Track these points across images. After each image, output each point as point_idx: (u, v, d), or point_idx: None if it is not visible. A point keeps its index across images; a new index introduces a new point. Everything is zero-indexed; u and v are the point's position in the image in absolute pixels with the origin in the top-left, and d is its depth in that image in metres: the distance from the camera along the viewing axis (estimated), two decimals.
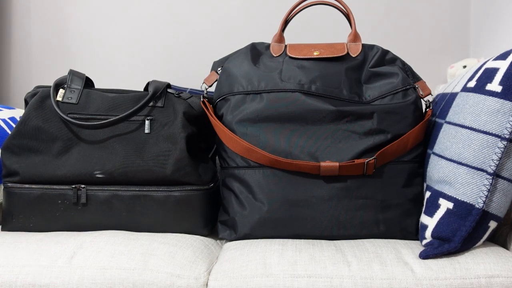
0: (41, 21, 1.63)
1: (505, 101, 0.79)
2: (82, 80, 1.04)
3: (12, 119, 1.20)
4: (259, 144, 0.96)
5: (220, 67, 1.05)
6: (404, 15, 1.58)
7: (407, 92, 0.97)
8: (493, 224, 0.83)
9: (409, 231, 0.95)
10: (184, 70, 1.60)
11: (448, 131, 0.88)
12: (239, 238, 0.96)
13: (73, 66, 1.61)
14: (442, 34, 1.58)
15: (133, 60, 1.62)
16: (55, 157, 0.98)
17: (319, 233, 0.94)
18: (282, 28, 1.07)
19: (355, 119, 0.95)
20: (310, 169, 0.92)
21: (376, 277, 0.79)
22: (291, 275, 0.80)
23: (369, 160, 0.91)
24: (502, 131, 0.79)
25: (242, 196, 0.97)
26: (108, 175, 0.97)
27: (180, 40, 1.61)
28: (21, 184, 0.98)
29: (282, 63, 1.01)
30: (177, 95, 1.03)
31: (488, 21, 1.46)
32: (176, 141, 0.97)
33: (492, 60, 0.85)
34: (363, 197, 0.93)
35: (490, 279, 0.78)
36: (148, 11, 1.61)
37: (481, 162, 0.80)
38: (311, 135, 0.96)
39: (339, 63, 1.00)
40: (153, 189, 0.97)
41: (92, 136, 0.99)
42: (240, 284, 0.80)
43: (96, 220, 0.98)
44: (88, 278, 0.82)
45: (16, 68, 1.66)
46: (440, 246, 0.83)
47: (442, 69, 1.58)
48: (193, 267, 0.84)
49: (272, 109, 0.96)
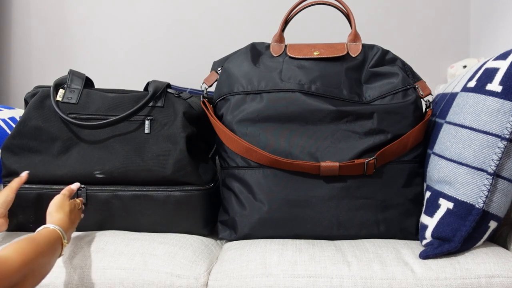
0: (41, 21, 1.63)
1: (505, 101, 0.78)
2: (82, 80, 1.04)
3: (12, 119, 1.20)
4: (259, 144, 0.96)
5: (220, 67, 1.05)
6: (404, 15, 1.58)
7: (407, 92, 0.97)
8: (493, 224, 0.83)
9: (409, 231, 0.95)
10: (184, 70, 1.60)
11: (448, 131, 0.88)
12: (239, 238, 0.96)
13: (73, 66, 1.61)
14: (442, 34, 1.58)
15: (133, 60, 1.62)
16: (55, 157, 0.98)
17: (319, 233, 0.94)
18: (282, 28, 1.07)
19: (355, 119, 0.95)
20: (310, 169, 0.92)
21: (376, 277, 0.79)
22: (291, 275, 0.80)
23: (369, 160, 0.91)
24: (502, 131, 0.79)
25: (242, 196, 0.97)
26: (108, 175, 0.96)
27: (180, 40, 1.61)
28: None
29: (282, 63, 1.01)
30: (177, 95, 1.03)
31: (488, 21, 1.46)
32: (176, 141, 0.97)
33: (492, 60, 0.85)
34: (363, 197, 0.93)
35: (490, 279, 0.78)
36: (148, 11, 1.61)
37: (481, 162, 0.80)
38: (311, 135, 0.95)
39: (339, 63, 1.00)
40: (153, 189, 0.97)
41: (92, 136, 0.99)
42: (240, 284, 0.80)
43: (96, 220, 0.98)
44: (88, 278, 0.82)
45: (16, 68, 1.66)
46: (440, 246, 0.83)
47: (442, 69, 1.58)
48: (193, 267, 0.84)
49: (272, 109, 0.96)
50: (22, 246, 0.63)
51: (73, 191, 0.91)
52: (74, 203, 0.88)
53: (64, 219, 0.80)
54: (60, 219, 0.79)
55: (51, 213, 0.81)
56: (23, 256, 0.61)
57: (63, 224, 0.78)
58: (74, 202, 0.88)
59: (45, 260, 0.67)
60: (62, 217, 0.80)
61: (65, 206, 0.83)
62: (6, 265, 0.57)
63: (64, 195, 0.87)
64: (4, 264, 0.57)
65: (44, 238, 0.70)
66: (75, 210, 0.87)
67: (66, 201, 0.85)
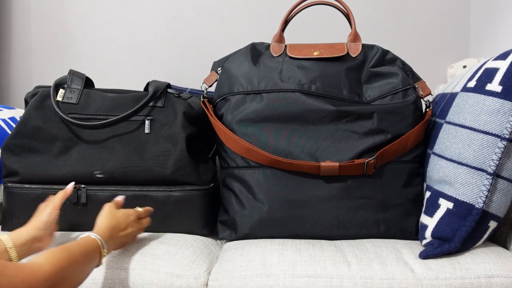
0: (41, 21, 1.63)
1: (505, 101, 0.78)
2: (82, 80, 1.04)
3: (12, 119, 1.20)
4: (259, 144, 0.96)
5: (220, 67, 1.05)
6: (404, 15, 1.58)
7: (407, 92, 0.97)
8: (493, 224, 0.83)
9: (409, 231, 0.95)
10: (184, 70, 1.60)
11: (448, 131, 0.88)
12: (239, 238, 0.96)
13: (73, 66, 1.60)
14: (442, 34, 1.58)
15: (133, 60, 1.62)
16: (55, 157, 0.98)
17: (319, 233, 0.94)
18: (282, 28, 1.07)
19: (355, 119, 0.95)
20: (310, 169, 0.92)
21: (376, 277, 0.79)
22: (291, 275, 0.80)
23: (369, 160, 0.91)
24: (502, 131, 0.79)
25: (242, 196, 0.97)
26: (108, 175, 0.96)
27: (180, 40, 1.61)
28: (21, 184, 0.98)
29: (282, 63, 1.01)
30: (177, 95, 1.03)
31: (488, 21, 1.46)
32: (176, 141, 0.97)
33: (492, 60, 0.85)
34: (363, 197, 0.93)
35: (490, 279, 0.78)
36: (148, 11, 1.61)
37: (481, 162, 0.80)
38: (311, 135, 0.95)
39: (339, 63, 1.00)
40: (153, 189, 0.97)
41: (92, 136, 0.99)
42: (240, 284, 0.80)
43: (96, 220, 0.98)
44: (88, 278, 0.81)
45: (16, 68, 1.66)
46: (440, 246, 0.83)
47: (442, 69, 1.58)
48: (193, 267, 0.84)
49: (272, 109, 0.96)
50: (54, 254, 0.62)
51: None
52: (128, 213, 0.86)
53: (108, 228, 0.79)
54: (103, 227, 0.79)
55: (97, 221, 0.81)
56: (54, 264, 0.60)
57: (105, 234, 0.77)
58: (127, 213, 0.86)
59: (78, 268, 0.66)
60: (106, 226, 0.79)
61: (112, 215, 0.82)
62: (38, 274, 0.57)
63: (115, 203, 0.86)
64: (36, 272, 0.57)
65: (79, 247, 0.70)
66: (128, 220, 0.85)
67: (114, 210, 0.84)
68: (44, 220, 0.81)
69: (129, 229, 0.85)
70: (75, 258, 0.66)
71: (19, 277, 0.55)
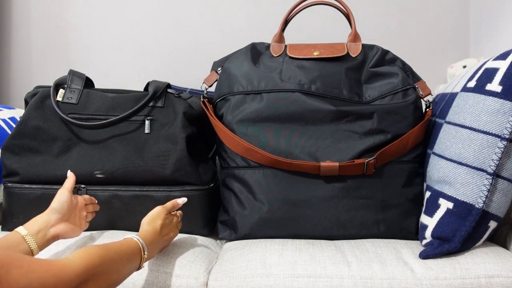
0: (41, 21, 1.63)
1: (505, 101, 0.78)
2: (82, 80, 1.04)
3: (12, 119, 1.20)
4: (259, 144, 0.96)
5: (220, 67, 1.05)
6: (404, 15, 1.58)
7: (407, 92, 0.97)
8: (493, 224, 0.83)
9: (409, 231, 0.95)
10: (184, 70, 1.60)
11: (448, 131, 0.88)
12: (239, 238, 0.96)
13: (73, 66, 1.61)
14: (442, 34, 1.58)
15: (133, 60, 1.62)
16: (55, 157, 0.98)
17: (319, 233, 0.94)
18: (282, 28, 1.07)
19: (355, 119, 0.95)
20: (310, 169, 0.92)
21: (376, 277, 0.79)
22: (291, 275, 0.80)
23: (369, 160, 0.91)
24: (502, 131, 0.79)
25: (242, 196, 0.97)
26: (108, 175, 0.97)
27: (180, 40, 1.61)
28: (21, 184, 0.98)
29: (282, 63, 1.01)
30: (177, 95, 1.03)
31: (488, 21, 1.46)
32: (176, 141, 0.97)
33: (492, 60, 0.85)
34: (363, 197, 0.93)
35: (490, 279, 0.78)
36: (148, 11, 1.61)
37: (481, 162, 0.80)
38: (311, 135, 0.95)
39: (339, 63, 1.00)
40: (153, 189, 0.97)
41: (92, 136, 0.99)
42: (240, 284, 0.80)
43: (96, 220, 0.98)
44: None
45: (16, 68, 1.66)
46: (440, 246, 0.83)
47: (442, 69, 1.58)
48: (193, 267, 0.84)
49: (272, 109, 0.96)
50: (89, 251, 0.62)
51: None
52: (172, 217, 0.87)
53: (151, 232, 0.79)
54: (147, 231, 0.78)
55: (142, 224, 0.81)
56: (86, 261, 0.60)
57: (148, 237, 0.77)
58: (171, 217, 0.87)
59: (113, 267, 0.65)
60: (149, 230, 0.79)
61: (158, 219, 0.82)
62: (69, 269, 0.57)
63: (164, 208, 0.85)
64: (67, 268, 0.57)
65: (118, 247, 0.69)
66: (171, 225, 0.85)
67: (162, 214, 0.84)
68: (56, 200, 0.82)
69: (171, 233, 0.86)
70: (110, 257, 0.65)
71: (49, 272, 0.54)
